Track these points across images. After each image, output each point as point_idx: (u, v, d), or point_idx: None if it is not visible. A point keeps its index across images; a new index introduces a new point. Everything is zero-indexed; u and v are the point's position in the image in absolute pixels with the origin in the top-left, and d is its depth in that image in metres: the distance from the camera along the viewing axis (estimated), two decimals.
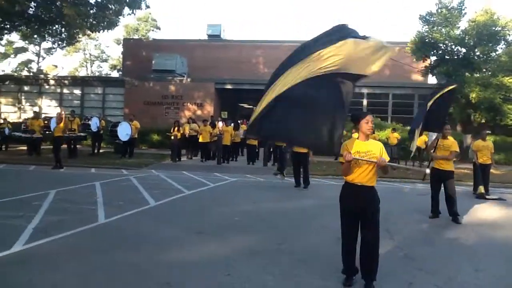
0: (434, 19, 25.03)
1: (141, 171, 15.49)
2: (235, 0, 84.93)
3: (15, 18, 22.99)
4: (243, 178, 14.27)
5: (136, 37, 47.70)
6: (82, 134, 19.08)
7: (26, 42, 53.36)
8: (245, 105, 32.35)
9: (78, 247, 5.93)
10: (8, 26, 24.72)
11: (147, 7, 26.06)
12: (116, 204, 8.84)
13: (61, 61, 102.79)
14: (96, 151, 19.95)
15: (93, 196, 9.75)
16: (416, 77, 30.92)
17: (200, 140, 18.89)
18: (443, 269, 5.43)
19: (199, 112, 26.49)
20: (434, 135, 19.95)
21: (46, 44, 45.99)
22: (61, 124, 15.11)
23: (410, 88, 26.87)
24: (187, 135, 19.31)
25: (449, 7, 24.73)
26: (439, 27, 24.58)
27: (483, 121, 22.53)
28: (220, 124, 20.61)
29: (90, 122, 19.27)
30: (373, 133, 21.28)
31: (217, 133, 18.95)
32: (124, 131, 18.74)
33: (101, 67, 59.11)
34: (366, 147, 4.63)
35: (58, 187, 10.63)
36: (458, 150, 8.54)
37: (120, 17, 25.78)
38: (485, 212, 9.60)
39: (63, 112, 16.71)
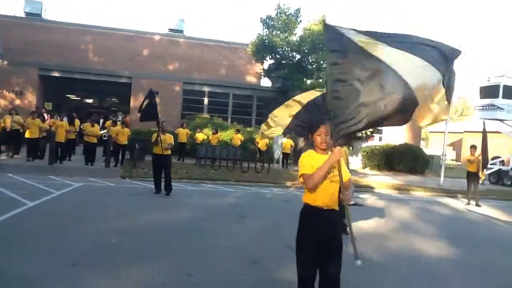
0: (274, 23, 25.92)
1: None
2: None
3: None
4: (88, 183, 12.33)
5: None
6: None
7: None
8: (73, 97, 29.05)
9: None
10: None
11: None
12: None
13: None
14: None
15: None
16: (251, 79, 31.85)
17: (27, 135, 15.95)
18: None
19: (18, 102, 22.65)
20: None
21: None
22: None
23: (249, 90, 27.31)
24: (8, 129, 16.12)
25: (287, 13, 25.87)
26: (278, 32, 25.53)
27: None
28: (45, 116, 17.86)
29: None
30: (217, 132, 21.12)
31: (48, 128, 16.33)
32: None
33: None
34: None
35: None
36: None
37: None
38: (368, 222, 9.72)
39: None
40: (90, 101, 29.44)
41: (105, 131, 17.35)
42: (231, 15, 78.55)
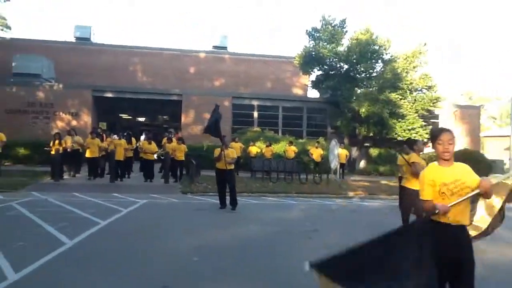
0: (320, 35, 25.60)
1: (20, 193, 12.55)
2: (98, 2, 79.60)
3: None
4: (152, 200, 12.30)
5: None
6: None
7: None
8: (125, 116, 29.64)
9: None
10: None
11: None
12: (18, 247, 6.48)
13: None
14: None
15: None
16: (297, 91, 31.60)
17: (88, 155, 16.21)
18: None
19: (74, 123, 23.21)
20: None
21: None
22: None
23: (298, 101, 27.02)
24: (69, 149, 16.43)
25: (333, 24, 25.50)
26: (325, 43, 25.18)
27: (370, 134, 23.44)
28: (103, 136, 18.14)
29: None
30: (270, 145, 20.86)
31: (107, 147, 16.57)
32: None
33: None
34: (453, 175, 3.39)
35: None
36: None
37: None
38: None
39: None
40: (142, 119, 29.94)
41: (161, 150, 17.42)
42: (273, 29, 78.82)
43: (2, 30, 51.04)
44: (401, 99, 23.10)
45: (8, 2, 21.86)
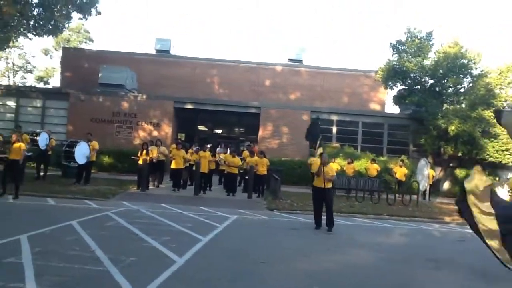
0: (404, 47, 24.58)
1: (111, 202, 12.69)
2: (177, 15, 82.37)
3: None
4: (241, 215, 11.97)
5: None
6: (28, 153, 15.63)
7: None
8: (202, 127, 29.97)
9: None
10: None
11: (98, 13, 23.17)
12: (129, 263, 6.28)
13: None
14: (42, 174, 16.65)
15: (84, 246, 7.06)
16: (374, 106, 30.51)
17: (173, 166, 16.26)
18: None
19: (155, 133, 23.63)
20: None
21: None
22: (19, 144, 12.07)
23: (379, 117, 26.00)
24: (154, 160, 16.57)
25: (419, 37, 24.40)
26: (409, 56, 24.11)
27: (459, 154, 21.99)
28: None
29: (37, 138, 16.02)
30: (352, 162, 20.08)
31: (195, 159, 16.62)
32: (82, 153, 15.72)
33: (25, 78, 53.45)
34: None
35: (26, 230, 7.78)
36: None
37: (68, 21, 22.72)
38: None
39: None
40: (218, 131, 30.12)
41: (243, 163, 17.24)
42: (348, 43, 77.70)
43: (85, 42, 53.98)
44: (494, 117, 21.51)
45: (94, 16, 22.50)
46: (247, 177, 17.40)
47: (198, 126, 29.49)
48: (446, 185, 23.71)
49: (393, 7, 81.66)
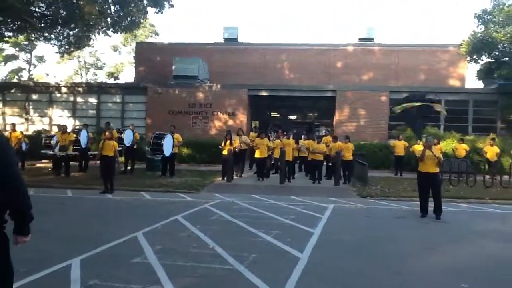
0: (491, 17, 22.87)
1: (203, 195, 12.73)
2: (240, 5, 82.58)
3: (27, 16, 19.94)
4: (337, 204, 11.57)
5: (133, 43, 44.63)
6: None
7: (17, 49, 50.54)
8: (275, 114, 29.75)
9: None
10: (14, 27, 21.72)
11: (171, 6, 23.32)
12: (253, 260, 6.06)
13: (53, 69, 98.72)
14: (129, 168, 17.13)
15: (201, 243, 6.97)
16: (454, 82, 28.83)
17: (257, 155, 16.14)
18: None
19: (230, 122, 23.72)
20: None
21: (37, 52, 42.94)
22: (112, 141, 12.39)
23: (464, 94, 24.51)
24: (237, 150, 16.49)
25: (508, 5, 22.58)
26: (497, 26, 22.40)
27: None
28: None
29: (123, 136, 16.43)
30: (438, 143, 18.99)
31: (273, 147, 16.39)
32: (169, 145, 15.96)
33: (96, 75, 55.80)
34: None
35: (138, 226, 7.85)
36: None
37: (144, 16, 23.10)
38: None
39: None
40: (293, 117, 29.77)
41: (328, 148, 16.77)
42: (422, 16, 74.37)
43: (151, 36, 55.23)
44: None
45: (167, 9, 22.67)
46: (330, 164, 16.99)
47: (272, 113, 29.29)
48: None
49: None
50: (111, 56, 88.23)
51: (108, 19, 21.99)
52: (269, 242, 7.12)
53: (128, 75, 61.05)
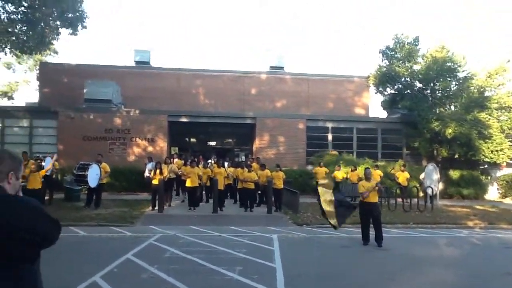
0: (394, 53, 25.08)
1: (140, 228, 12.19)
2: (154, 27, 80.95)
3: None
4: (280, 234, 11.66)
5: (30, 62, 41.68)
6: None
7: None
8: (194, 140, 29.43)
9: None
10: None
11: (84, 27, 22.31)
12: None
13: None
14: (47, 198, 15.82)
15: (170, 286, 6.66)
16: (359, 111, 30.86)
17: (188, 184, 15.81)
18: None
19: (150, 148, 23.01)
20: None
21: None
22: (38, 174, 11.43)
23: (373, 123, 26.30)
24: (165, 179, 16.03)
25: (407, 42, 24.96)
26: (400, 62, 24.64)
27: (455, 156, 22.56)
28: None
29: (43, 164, 15.20)
30: (356, 169, 20.14)
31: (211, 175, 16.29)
32: (94, 176, 15.05)
33: None
34: None
35: (92, 269, 7.27)
36: None
37: (57, 36, 21.79)
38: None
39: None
40: (213, 143, 29.59)
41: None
42: (327, 47, 78.47)
43: (50, 55, 52.04)
44: (489, 119, 22.16)
45: (80, 30, 21.66)
46: (259, 192, 17.24)
47: (191, 139, 28.97)
48: (440, 186, 24.20)
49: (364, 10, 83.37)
50: (3, 74, 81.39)
51: (13, 38, 20.39)
52: (238, 280, 7.00)
53: (25, 95, 56.76)
